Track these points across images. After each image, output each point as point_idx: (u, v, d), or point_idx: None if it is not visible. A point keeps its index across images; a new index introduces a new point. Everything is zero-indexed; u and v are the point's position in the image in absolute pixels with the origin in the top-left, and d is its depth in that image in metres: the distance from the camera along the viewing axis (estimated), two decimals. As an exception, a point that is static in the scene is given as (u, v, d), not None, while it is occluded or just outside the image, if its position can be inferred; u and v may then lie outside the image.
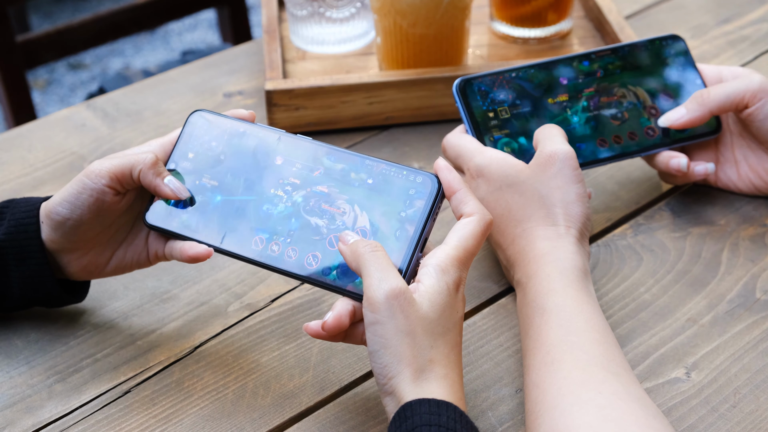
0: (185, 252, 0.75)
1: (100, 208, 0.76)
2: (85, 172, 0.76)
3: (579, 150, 0.87)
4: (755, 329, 0.80)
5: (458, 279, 0.68)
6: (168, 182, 0.76)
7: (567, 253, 0.76)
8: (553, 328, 0.71)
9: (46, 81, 2.85)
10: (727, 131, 0.93)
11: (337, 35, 1.13)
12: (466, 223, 0.69)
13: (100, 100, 1.14)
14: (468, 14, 1.05)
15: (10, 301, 0.80)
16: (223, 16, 2.02)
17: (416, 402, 0.63)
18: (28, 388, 0.77)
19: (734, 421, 0.72)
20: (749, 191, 0.93)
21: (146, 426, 0.74)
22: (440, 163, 0.72)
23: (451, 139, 0.86)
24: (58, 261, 0.79)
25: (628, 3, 1.28)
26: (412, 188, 0.71)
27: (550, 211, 0.78)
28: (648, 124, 0.90)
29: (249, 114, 0.78)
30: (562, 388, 0.67)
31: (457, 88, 0.86)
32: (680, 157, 0.89)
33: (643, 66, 0.92)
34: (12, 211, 0.78)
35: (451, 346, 0.67)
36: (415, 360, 0.64)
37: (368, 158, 0.73)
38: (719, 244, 0.89)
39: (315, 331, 0.69)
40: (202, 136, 0.78)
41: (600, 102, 0.90)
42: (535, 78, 0.89)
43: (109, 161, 0.76)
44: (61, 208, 0.76)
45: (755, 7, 1.25)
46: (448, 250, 0.68)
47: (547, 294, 0.74)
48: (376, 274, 0.66)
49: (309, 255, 0.72)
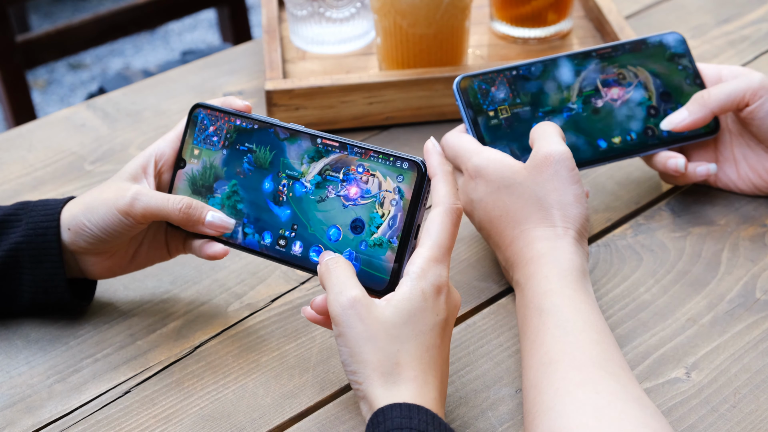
0: (204, 251, 0.78)
1: (130, 233, 0.78)
2: (118, 207, 0.76)
3: (578, 148, 0.87)
4: (755, 329, 0.80)
5: (437, 281, 0.68)
6: (209, 224, 0.77)
7: (565, 253, 0.76)
8: (551, 328, 0.71)
9: (46, 81, 2.85)
10: (726, 131, 0.93)
11: (337, 35, 1.13)
12: (433, 218, 0.70)
13: (100, 100, 1.14)
14: (468, 14, 1.05)
15: (18, 305, 0.80)
16: (223, 16, 2.02)
17: (388, 407, 0.64)
18: (28, 388, 0.77)
19: (734, 421, 0.72)
20: (749, 191, 0.93)
21: (146, 426, 0.74)
22: (427, 146, 0.72)
23: (449, 138, 0.86)
24: (81, 263, 0.80)
25: (628, 3, 1.28)
26: (400, 175, 0.71)
27: (548, 213, 0.78)
28: (647, 123, 0.90)
29: (245, 106, 0.79)
30: (559, 389, 0.67)
31: (458, 86, 0.86)
32: (678, 158, 0.89)
33: (644, 64, 0.92)
34: (30, 214, 0.79)
35: (425, 348, 0.67)
36: (380, 365, 0.66)
37: (357, 144, 0.73)
38: (719, 244, 0.89)
39: (309, 314, 0.72)
40: (204, 131, 0.79)
41: (600, 100, 0.90)
42: (536, 76, 0.89)
43: (143, 203, 0.76)
44: (94, 228, 0.77)
45: (755, 7, 1.25)
46: (422, 252, 0.69)
47: (545, 294, 0.74)
48: (334, 288, 0.68)
49: (312, 247, 0.74)
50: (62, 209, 0.79)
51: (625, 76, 0.91)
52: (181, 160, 0.80)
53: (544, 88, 0.88)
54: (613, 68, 0.91)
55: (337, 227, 0.73)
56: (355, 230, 0.72)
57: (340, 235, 0.73)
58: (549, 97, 0.88)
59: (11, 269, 0.78)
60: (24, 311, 0.82)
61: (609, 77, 0.90)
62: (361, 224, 0.72)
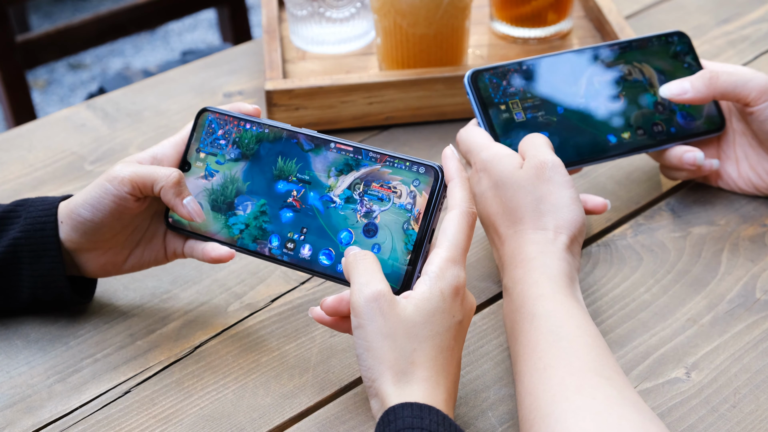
0: (207, 254, 0.77)
1: (120, 212, 0.77)
2: (107, 177, 0.77)
3: (587, 145, 0.87)
4: (755, 329, 0.80)
5: (455, 282, 0.68)
6: (187, 204, 0.77)
7: (554, 259, 0.76)
8: (543, 333, 0.71)
9: (46, 81, 2.85)
10: (731, 129, 0.93)
11: (337, 35, 1.13)
12: (449, 220, 0.70)
13: (100, 100, 1.14)
14: (468, 14, 1.05)
15: (17, 302, 0.80)
16: (223, 16, 2.02)
17: (399, 406, 0.64)
18: (28, 388, 0.77)
19: (734, 421, 0.72)
20: (748, 190, 0.93)
21: (146, 426, 0.74)
22: (446, 152, 0.72)
23: (463, 133, 0.86)
24: (77, 260, 0.80)
25: (628, 3, 1.28)
26: (416, 179, 0.72)
27: (541, 216, 0.78)
28: (656, 119, 0.90)
29: (254, 109, 0.79)
30: (556, 395, 0.66)
31: (469, 80, 0.86)
32: (695, 151, 0.89)
33: (651, 61, 0.92)
34: (28, 210, 0.79)
35: (440, 349, 0.67)
36: (396, 362, 0.66)
37: (372, 149, 0.74)
38: (719, 244, 0.89)
39: (318, 314, 0.72)
40: (212, 135, 0.79)
41: (610, 96, 0.90)
42: (546, 70, 0.89)
43: (132, 168, 0.77)
44: (83, 210, 0.77)
45: (755, 7, 1.25)
46: (440, 252, 0.69)
47: (537, 299, 0.73)
48: (360, 280, 0.68)
49: (322, 251, 0.74)
50: (59, 204, 0.79)
51: (631, 72, 0.91)
52: (186, 163, 0.80)
53: (555, 83, 0.88)
54: (619, 65, 0.91)
55: (349, 231, 0.73)
56: (368, 233, 0.73)
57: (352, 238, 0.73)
58: (559, 92, 0.88)
59: (11, 265, 0.78)
60: (24, 308, 0.81)
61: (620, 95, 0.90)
62: (374, 228, 0.72)
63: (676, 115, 0.91)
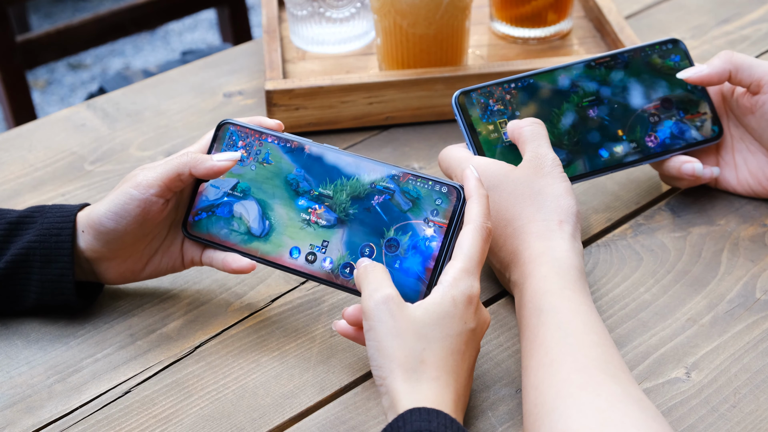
0: (228, 264, 0.78)
1: (144, 218, 0.78)
2: (132, 184, 0.77)
3: (581, 160, 0.87)
4: (755, 329, 0.80)
5: (468, 291, 0.70)
6: (218, 159, 0.78)
7: (562, 252, 0.76)
8: (550, 329, 0.71)
9: (46, 81, 2.85)
10: (728, 135, 0.93)
11: (337, 35, 1.13)
12: (465, 234, 0.72)
13: (100, 100, 1.14)
14: (468, 14, 1.05)
15: (21, 306, 0.81)
16: (223, 16, 2.02)
17: (408, 412, 0.65)
18: (28, 388, 0.77)
19: (734, 421, 0.72)
20: (747, 196, 0.93)
21: (146, 426, 0.74)
22: (466, 172, 0.74)
23: (443, 152, 0.86)
24: (96, 268, 0.81)
25: (628, 3, 1.28)
26: (438, 198, 0.73)
27: (542, 205, 0.78)
28: (650, 131, 0.90)
29: (276, 124, 0.80)
30: (560, 391, 0.67)
31: (456, 101, 0.86)
32: (694, 162, 0.89)
33: (644, 72, 0.92)
34: (45, 216, 0.80)
35: (450, 351, 0.68)
36: (406, 360, 0.67)
37: (395, 168, 0.75)
38: (719, 244, 0.89)
39: (342, 327, 0.74)
40: (232, 147, 0.80)
41: (601, 110, 0.89)
42: (534, 88, 0.88)
43: (153, 172, 0.77)
44: (107, 220, 0.78)
45: (755, 7, 1.25)
46: (455, 263, 0.71)
47: (544, 295, 0.74)
48: (370, 286, 0.70)
49: (342, 264, 0.75)
50: (78, 213, 0.79)
51: (627, 102, 0.91)
52: None
53: (544, 100, 0.88)
54: (611, 78, 0.90)
55: (370, 246, 0.75)
56: (389, 248, 0.74)
57: (374, 253, 0.75)
58: (549, 109, 0.88)
59: (21, 269, 0.79)
60: (26, 310, 0.82)
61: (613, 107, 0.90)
62: (396, 243, 0.74)
63: (672, 126, 0.91)
